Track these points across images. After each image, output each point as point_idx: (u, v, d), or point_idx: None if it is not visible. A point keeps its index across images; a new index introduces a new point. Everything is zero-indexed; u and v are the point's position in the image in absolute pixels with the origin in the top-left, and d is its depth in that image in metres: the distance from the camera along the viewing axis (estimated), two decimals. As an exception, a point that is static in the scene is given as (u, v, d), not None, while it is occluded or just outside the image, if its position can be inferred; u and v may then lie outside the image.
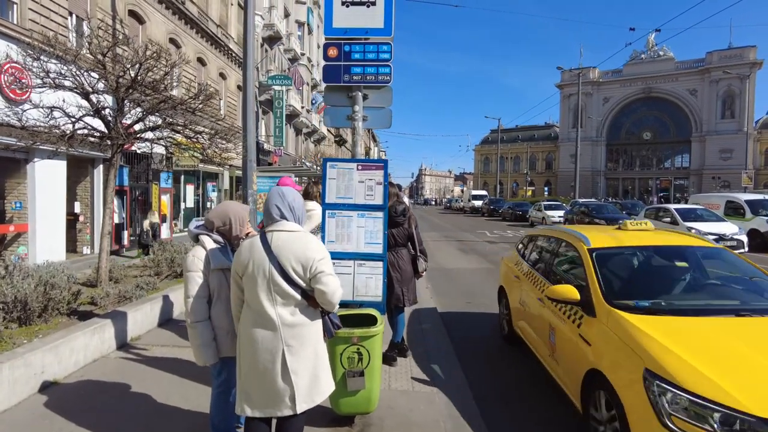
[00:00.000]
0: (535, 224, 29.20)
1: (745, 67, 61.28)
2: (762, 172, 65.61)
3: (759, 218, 16.37)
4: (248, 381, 2.60)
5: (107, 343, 5.10)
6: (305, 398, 2.58)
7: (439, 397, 4.24)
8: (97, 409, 3.89)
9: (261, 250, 2.56)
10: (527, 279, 5.25)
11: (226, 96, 22.97)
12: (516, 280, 5.62)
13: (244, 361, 2.62)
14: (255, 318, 2.57)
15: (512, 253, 6.50)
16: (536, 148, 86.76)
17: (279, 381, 2.53)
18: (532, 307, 4.87)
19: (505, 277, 6.21)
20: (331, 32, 4.47)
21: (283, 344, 2.53)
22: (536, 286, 4.87)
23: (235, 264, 2.66)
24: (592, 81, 72.67)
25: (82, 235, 13.37)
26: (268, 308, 2.53)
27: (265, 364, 2.54)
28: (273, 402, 2.56)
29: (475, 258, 14.72)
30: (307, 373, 2.59)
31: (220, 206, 3.16)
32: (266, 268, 2.53)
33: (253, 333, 2.57)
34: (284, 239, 2.57)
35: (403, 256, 4.93)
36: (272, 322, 2.53)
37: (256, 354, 2.55)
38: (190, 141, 7.88)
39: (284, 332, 2.54)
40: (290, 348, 2.54)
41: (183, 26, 18.31)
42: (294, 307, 2.57)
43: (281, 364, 2.53)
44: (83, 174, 13.30)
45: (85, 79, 6.40)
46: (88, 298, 6.04)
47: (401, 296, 4.86)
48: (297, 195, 2.74)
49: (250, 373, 2.58)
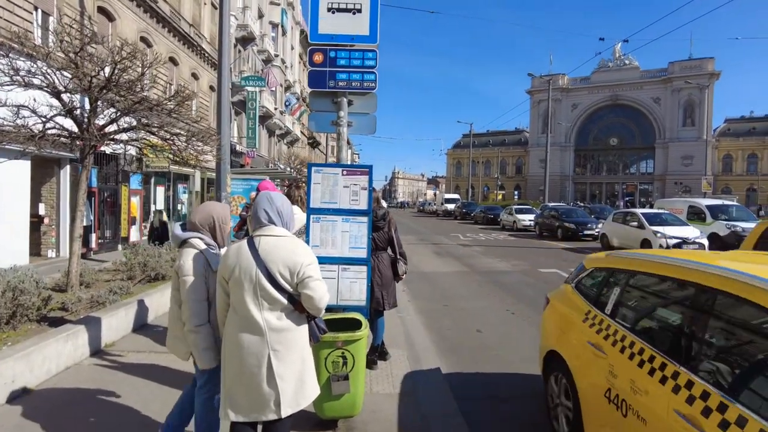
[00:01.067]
0: (506, 228, 29.72)
1: (704, 78, 63.96)
2: (720, 177, 68.50)
3: (718, 222, 17.10)
4: (234, 386, 2.58)
5: (81, 350, 4.96)
6: (290, 403, 2.57)
7: (421, 399, 4.29)
8: (73, 419, 3.78)
9: (248, 254, 2.56)
10: (631, 362, 2.81)
11: (199, 96, 22.59)
12: (597, 354, 3.14)
13: (229, 366, 2.61)
14: (241, 323, 2.56)
15: (567, 291, 4.13)
16: (507, 153, 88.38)
17: (265, 386, 2.53)
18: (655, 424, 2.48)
19: (564, 337, 3.75)
20: (317, 38, 4.48)
21: (270, 349, 2.53)
22: (666, 385, 2.46)
23: (221, 268, 2.65)
24: (561, 88, 74.59)
25: (46, 237, 12.91)
26: (255, 313, 2.53)
27: (251, 369, 2.53)
28: (258, 406, 2.55)
29: (450, 261, 14.89)
30: (293, 377, 2.58)
31: (202, 207, 3.12)
32: (253, 272, 2.53)
33: (239, 338, 2.55)
34: (272, 244, 2.58)
35: (383, 260, 4.97)
36: (259, 326, 2.53)
37: (243, 359, 2.55)
38: (166, 143, 7.72)
39: (270, 337, 2.54)
40: (276, 353, 2.54)
41: (155, 25, 17.94)
42: (280, 311, 2.57)
43: (267, 369, 2.52)
44: (48, 174, 12.85)
45: (57, 78, 6.21)
46: (59, 303, 5.84)
47: (381, 300, 4.90)
48: (285, 200, 2.76)
49: (236, 378, 2.57)
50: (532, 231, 26.26)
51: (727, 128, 72.70)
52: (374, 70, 4.50)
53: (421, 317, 7.66)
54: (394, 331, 6.39)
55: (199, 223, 3.00)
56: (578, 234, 21.38)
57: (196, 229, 3.00)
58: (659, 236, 15.02)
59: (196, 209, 3.10)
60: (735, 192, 60.00)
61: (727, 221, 17.04)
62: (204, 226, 3.01)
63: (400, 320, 7.06)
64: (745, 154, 69.08)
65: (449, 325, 7.27)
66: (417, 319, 7.46)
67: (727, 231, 16.42)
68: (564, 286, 4.28)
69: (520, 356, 5.82)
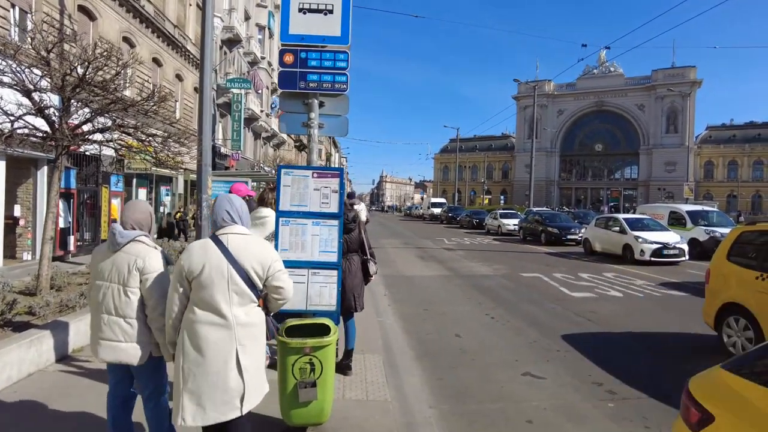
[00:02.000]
0: (491, 232, 29.84)
1: (686, 86, 65.08)
2: (702, 184, 69.67)
3: (698, 228, 17.33)
4: (194, 388, 2.52)
5: (45, 356, 4.81)
6: (252, 396, 2.63)
7: (393, 406, 4.24)
8: (34, 428, 3.66)
9: (217, 252, 2.62)
10: None
11: (183, 98, 22.36)
12: None
13: (192, 367, 2.54)
14: (208, 319, 2.57)
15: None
16: (493, 158, 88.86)
17: (231, 381, 2.54)
18: None
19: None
20: (288, 38, 4.42)
21: (237, 344, 2.57)
22: None
23: (185, 267, 2.62)
24: (547, 94, 75.27)
25: (22, 239, 12.62)
26: (224, 308, 2.57)
27: (218, 366, 2.53)
28: (221, 405, 2.53)
29: (433, 265, 14.87)
30: (256, 371, 2.67)
31: (139, 205, 3.03)
32: (224, 269, 2.59)
33: (205, 335, 2.54)
34: (242, 241, 2.69)
35: (355, 262, 4.97)
36: (228, 322, 2.57)
37: (208, 356, 2.53)
38: (141, 144, 7.60)
39: (238, 332, 2.58)
40: (244, 347, 2.59)
41: (138, 25, 17.71)
42: (248, 306, 2.65)
43: (236, 363, 2.56)
44: (24, 175, 12.58)
45: (26, 76, 6.06)
46: (26, 307, 5.68)
47: (353, 302, 4.89)
48: (242, 201, 2.87)
49: (200, 378, 2.52)
50: (516, 235, 26.38)
51: (709, 135, 73.97)
52: (346, 71, 4.45)
53: (400, 321, 7.61)
54: (372, 335, 6.33)
55: (141, 221, 2.94)
56: (561, 239, 21.50)
57: (140, 227, 2.93)
58: (640, 241, 15.16)
59: (131, 208, 2.99)
60: (716, 198, 61.05)
61: (706, 227, 17.27)
62: (144, 225, 2.95)
63: (378, 324, 7.01)
64: (725, 161, 70.33)
65: (428, 330, 7.23)
66: (396, 324, 7.40)
67: (706, 236, 16.63)
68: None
69: (498, 360, 5.80)
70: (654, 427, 4.15)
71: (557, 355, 6.08)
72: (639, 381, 5.15)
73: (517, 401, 4.63)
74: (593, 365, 5.66)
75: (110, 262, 2.84)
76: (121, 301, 2.81)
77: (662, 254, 14.84)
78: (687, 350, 6.41)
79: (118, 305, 2.81)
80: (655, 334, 7.13)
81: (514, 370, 5.47)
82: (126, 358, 2.82)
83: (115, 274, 2.82)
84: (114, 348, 2.81)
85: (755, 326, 5.60)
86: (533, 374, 5.36)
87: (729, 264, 6.27)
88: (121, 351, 2.81)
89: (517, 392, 4.86)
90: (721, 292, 6.25)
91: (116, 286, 2.82)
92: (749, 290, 5.77)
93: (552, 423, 4.20)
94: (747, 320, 5.75)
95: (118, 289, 2.81)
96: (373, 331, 6.56)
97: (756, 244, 6.10)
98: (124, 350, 2.81)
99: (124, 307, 2.81)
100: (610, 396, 4.79)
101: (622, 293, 10.22)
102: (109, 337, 2.82)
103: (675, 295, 10.24)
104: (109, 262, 2.85)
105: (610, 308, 8.77)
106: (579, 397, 4.76)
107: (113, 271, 2.83)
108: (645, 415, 4.34)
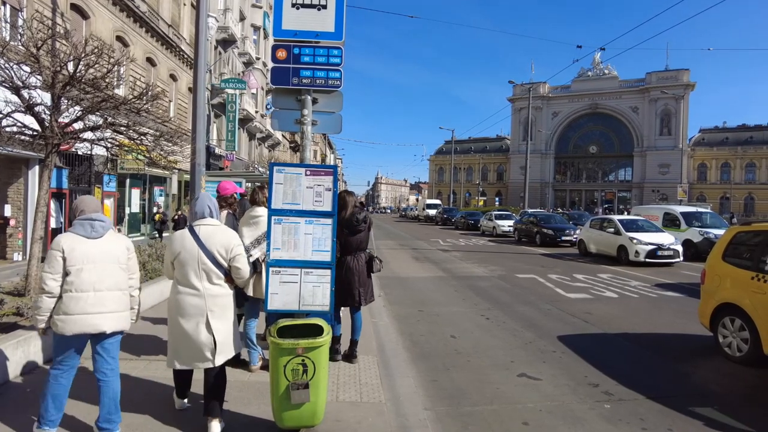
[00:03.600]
0: (486, 233, 29.85)
1: (679, 88, 65.52)
2: (695, 186, 70.10)
3: (692, 229, 17.37)
4: (178, 341, 3.42)
5: (32, 357, 4.71)
6: (223, 351, 3.42)
7: (388, 408, 4.17)
8: (18, 429, 3.57)
9: (191, 239, 3.43)
10: None
11: (177, 98, 22.23)
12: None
13: (175, 325, 3.43)
14: (185, 291, 3.39)
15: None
16: (488, 160, 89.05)
17: (203, 338, 3.35)
18: None
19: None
20: (281, 34, 4.35)
21: (208, 310, 3.37)
22: None
23: (169, 251, 3.50)
24: (542, 95, 75.53)
25: (13, 240, 12.48)
26: (196, 283, 3.38)
27: (192, 326, 3.35)
28: (198, 356, 3.39)
29: (428, 266, 14.81)
30: (225, 331, 3.43)
31: (89, 201, 3.50)
32: (196, 252, 3.39)
33: (183, 303, 3.38)
34: (211, 230, 3.47)
35: (361, 259, 5.10)
36: (199, 293, 3.37)
37: (186, 318, 3.37)
38: (133, 143, 7.50)
39: (208, 301, 3.38)
40: (213, 312, 3.39)
41: (131, 24, 17.59)
42: (216, 282, 3.42)
43: (206, 325, 3.36)
44: (15, 175, 12.45)
45: (15, 73, 5.95)
46: (13, 308, 5.58)
47: (358, 297, 5.04)
48: (214, 199, 3.68)
49: (180, 335, 3.39)
50: (511, 237, 26.39)
51: (702, 138, 74.46)
52: (339, 67, 4.38)
53: (395, 323, 7.55)
54: (366, 336, 6.25)
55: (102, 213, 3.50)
56: (556, 240, 21.52)
57: None
58: (635, 242, 15.17)
59: (89, 202, 3.47)
60: (709, 200, 61.46)
61: (700, 228, 17.31)
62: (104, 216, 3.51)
63: (372, 326, 6.94)
64: (718, 163, 70.77)
65: (423, 331, 7.17)
66: (391, 325, 7.34)
67: (700, 237, 16.68)
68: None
69: (493, 362, 5.75)
70: (651, 428, 4.11)
71: (553, 356, 6.04)
72: (635, 382, 5.11)
73: (513, 403, 4.58)
74: (589, 366, 5.62)
75: (95, 246, 3.29)
76: (120, 277, 3.38)
77: (657, 255, 14.86)
78: (683, 351, 6.39)
79: (119, 281, 3.37)
80: (650, 335, 7.10)
81: (510, 372, 5.42)
82: (124, 325, 3.40)
83: (107, 255, 3.32)
84: (120, 318, 3.35)
85: (751, 326, 5.58)
86: (529, 375, 5.31)
87: (724, 264, 6.26)
88: (125, 319, 3.40)
89: (512, 394, 4.81)
90: (716, 292, 6.23)
91: (113, 266, 3.34)
92: (744, 290, 5.75)
93: (548, 424, 4.15)
94: (742, 320, 5.74)
95: (114, 269, 3.34)
96: (367, 332, 6.48)
97: (751, 245, 6.08)
98: (126, 318, 3.42)
99: (123, 282, 3.39)
100: (606, 397, 4.74)
101: (617, 294, 10.21)
102: (114, 309, 3.31)
103: (670, 295, 10.24)
104: (94, 247, 3.29)
105: (605, 309, 8.74)
106: (575, 398, 4.71)
107: (104, 254, 3.31)
108: (641, 416, 4.31)
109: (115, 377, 3.39)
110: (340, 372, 4.93)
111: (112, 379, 3.36)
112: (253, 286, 4.66)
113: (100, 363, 3.35)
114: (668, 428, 4.10)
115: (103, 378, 3.34)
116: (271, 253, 3.63)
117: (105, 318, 3.25)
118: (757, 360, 5.54)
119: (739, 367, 5.67)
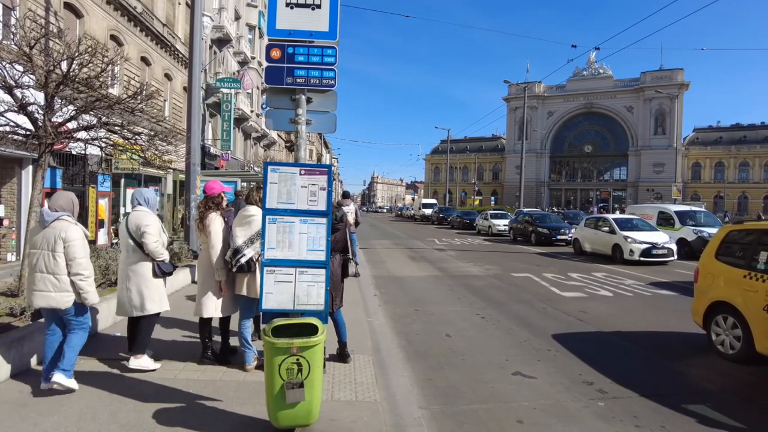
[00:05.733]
0: (481, 232, 29.90)
1: (674, 88, 65.79)
2: (689, 185, 70.43)
3: (686, 228, 17.47)
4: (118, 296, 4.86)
5: (26, 358, 4.69)
6: (137, 307, 4.68)
7: (383, 407, 4.18)
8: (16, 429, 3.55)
9: (124, 222, 4.73)
10: None
11: (172, 98, 22.14)
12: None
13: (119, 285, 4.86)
14: (121, 257, 4.82)
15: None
16: (484, 159, 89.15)
17: (125, 294, 4.71)
18: None
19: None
20: (275, 33, 4.36)
21: (130, 272, 4.68)
22: None
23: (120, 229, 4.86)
24: (537, 95, 75.67)
25: (6, 240, 12.38)
26: (124, 253, 4.79)
27: (121, 285, 4.78)
28: (124, 306, 4.75)
29: (424, 265, 14.83)
30: (137, 291, 4.66)
31: (64, 195, 4.30)
32: (124, 230, 4.70)
33: (120, 266, 4.88)
34: (133, 215, 4.70)
35: (336, 261, 5.03)
36: (126, 260, 4.71)
37: (119, 279, 4.82)
38: (127, 142, 7.47)
39: (128, 266, 4.70)
40: (128, 276, 4.69)
41: (126, 23, 17.49)
42: (133, 251, 4.68)
43: (125, 285, 4.69)
44: (9, 175, 12.35)
45: (8, 72, 5.92)
46: (6, 309, 5.55)
47: (331, 301, 4.90)
48: (153, 193, 4.94)
49: (118, 291, 4.85)
50: (507, 236, 26.43)
51: (696, 137, 74.77)
52: (334, 67, 4.40)
53: (390, 322, 7.55)
54: (362, 336, 6.27)
55: (64, 206, 4.22)
56: (551, 239, 21.57)
57: (63, 210, 4.19)
58: (630, 241, 15.24)
59: (56, 197, 4.26)
60: (703, 199, 61.68)
61: (694, 227, 17.41)
62: (66, 209, 4.23)
63: (368, 325, 6.95)
64: (712, 163, 71.10)
65: (418, 330, 7.18)
66: (386, 324, 7.34)
67: (694, 236, 16.78)
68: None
69: (488, 360, 5.77)
70: (644, 425, 4.13)
71: (547, 354, 6.06)
72: (629, 380, 5.14)
73: (508, 401, 4.60)
74: (584, 364, 5.65)
75: (41, 235, 4.11)
76: (51, 262, 4.07)
77: (651, 254, 14.93)
78: (676, 349, 6.43)
79: (48, 265, 4.07)
80: (644, 333, 7.14)
81: (505, 370, 5.44)
82: (55, 303, 4.09)
83: (44, 243, 4.08)
84: (46, 297, 4.08)
85: (743, 324, 5.62)
86: (523, 374, 5.33)
87: (717, 263, 6.30)
88: (51, 299, 4.07)
89: (507, 392, 4.83)
90: (709, 290, 6.28)
91: (47, 252, 4.07)
92: (737, 289, 5.80)
93: (542, 423, 4.17)
94: (735, 318, 5.78)
95: (47, 255, 4.07)
96: (362, 331, 6.50)
97: (743, 243, 6.13)
98: (54, 298, 4.08)
99: (53, 267, 4.06)
100: (600, 395, 4.77)
101: (612, 293, 10.26)
102: (41, 289, 4.08)
103: (664, 294, 10.29)
104: (40, 236, 4.12)
105: (600, 308, 8.78)
106: (569, 396, 4.74)
107: (43, 242, 4.09)
108: (635, 414, 4.33)
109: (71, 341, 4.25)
110: (335, 371, 4.94)
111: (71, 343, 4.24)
112: (247, 286, 4.66)
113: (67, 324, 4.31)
114: (661, 425, 4.13)
115: None
116: (265, 253, 3.63)
117: (37, 296, 4.10)
118: (749, 358, 5.59)
119: (732, 364, 5.71)
